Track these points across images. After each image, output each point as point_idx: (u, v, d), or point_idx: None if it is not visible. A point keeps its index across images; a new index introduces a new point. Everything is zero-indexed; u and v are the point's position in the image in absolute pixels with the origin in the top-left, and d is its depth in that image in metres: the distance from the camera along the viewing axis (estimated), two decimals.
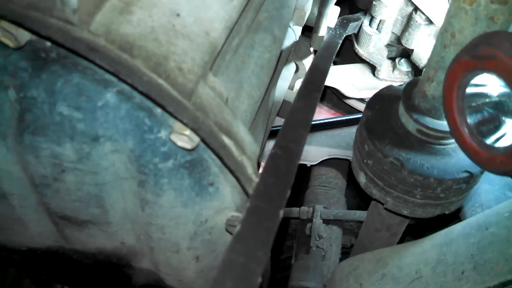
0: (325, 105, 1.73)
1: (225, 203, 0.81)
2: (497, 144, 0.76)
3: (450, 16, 0.82)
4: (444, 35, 0.84)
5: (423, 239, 1.05)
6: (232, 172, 0.71)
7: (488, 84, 0.77)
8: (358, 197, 2.01)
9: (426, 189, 0.94)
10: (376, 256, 1.07)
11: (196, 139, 0.68)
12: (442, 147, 0.95)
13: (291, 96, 1.32)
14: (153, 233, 0.86)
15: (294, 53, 1.26)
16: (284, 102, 1.30)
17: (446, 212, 1.02)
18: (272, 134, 1.66)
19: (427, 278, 0.98)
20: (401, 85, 1.10)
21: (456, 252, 0.97)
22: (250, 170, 0.72)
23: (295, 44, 1.24)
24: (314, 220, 1.72)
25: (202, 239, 0.89)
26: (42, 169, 0.75)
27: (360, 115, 1.59)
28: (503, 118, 0.76)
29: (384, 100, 1.04)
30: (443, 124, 0.92)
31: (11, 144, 0.74)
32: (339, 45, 1.14)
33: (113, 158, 0.73)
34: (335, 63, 1.64)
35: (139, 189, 0.77)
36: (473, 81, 0.78)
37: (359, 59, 1.56)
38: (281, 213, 0.58)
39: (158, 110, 0.68)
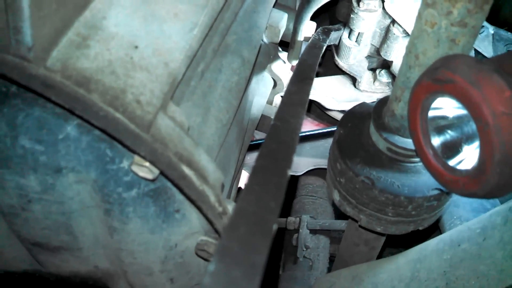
0: (309, 116, 1.73)
1: (193, 228, 0.81)
2: (460, 166, 0.77)
3: (414, 38, 0.83)
4: (409, 56, 0.85)
5: (398, 255, 1.05)
6: (193, 201, 0.71)
7: (449, 107, 0.78)
8: None
9: (397, 207, 0.95)
10: (352, 272, 1.08)
11: (156, 170, 0.68)
12: (412, 165, 0.95)
13: (270, 111, 1.33)
14: (124, 258, 0.87)
15: (271, 69, 1.26)
16: (263, 116, 1.31)
17: (420, 228, 1.02)
18: (252, 147, 1.66)
19: None
20: (373, 102, 1.10)
21: (429, 269, 0.98)
22: (212, 198, 0.72)
23: (272, 60, 1.24)
24: (300, 230, 1.72)
25: (174, 262, 0.89)
26: (9, 199, 0.76)
27: None
28: (463, 141, 0.77)
29: (356, 118, 1.05)
30: (412, 143, 0.92)
31: None
32: (324, 48, 1.14)
33: (77, 188, 0.74)
34: (316, 75, 1.65)
35: (105, 217, 0.77)
36: (436, 103, 0.78)
37: (340, 71, 1.57)
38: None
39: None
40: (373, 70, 1.55)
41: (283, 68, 1.28)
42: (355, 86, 1.57)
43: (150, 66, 0.69)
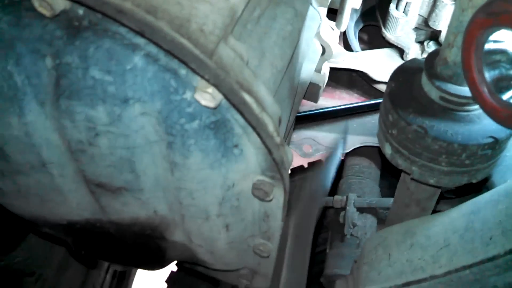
0: (355, 92, 1.74)
1: (250, 166, 0.84)
2: None
3: None
4: None
5: (451, 209, 1.05)
6: (253, 127, 0.74)
7: (505, 40, 0.78)
8: (392, 188, 2.01)
9: (451, 155, 0.95)
10: (404, 227, 1.08)
11: (219, 96, 0.71)
12: (465, 113, 0.96)
13: (318, 79, 1.35)
14: (183, 199, 0.90)
15: (320, 35, 1.28)
16: (311, 84, 1.33)
17: (473, 181, 1.02)
18: (299, 119, 1.68)
19: (455, 245, 0.98)
20: (423, 58, 1.11)
21: (484, 219, 0.97)
22: (271, 127, 0.75)
23: (320, 26, 1.27)
24: (347, 208, 1.73)
25: (231, 205, 0.92)
26: (78, 134, 0.81)
27: None
28: None
29: (407, 72, 1.06)
30: (465, 90, 0.93)
31: (49, 110, 0.80)
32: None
33: (142, 121, 0.78)
34: (362, 49, 1.66)
35: (167, 151, 0.81)
36: (490, 38, 0.79)
37: (387, 45, 1.57)
38: None
39: (183, 72, 0.72)
40: (420, 43, 1.55)
41: (332, 34, 1.30)
42: (402, 59, 1.57)
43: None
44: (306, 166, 2.14)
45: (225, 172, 0.84)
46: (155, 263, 1.15)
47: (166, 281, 2.06)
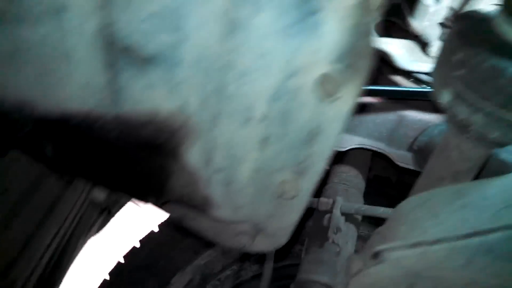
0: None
1: (323, 48, 0.68)
2: None
3: None
4: None
5: (507, 174, 0.92)
6: None
7: None
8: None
9: None
10: (451, 189, 0.94)
11: None
12: None
13: None
14: (228, 85, 0.73)
15: None
16: None
17: None
18: None
19: None
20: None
21: None
22: None
23: None
24: (334, 211, 1.58)
25: (282, 106, 0.75)
26: None
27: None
28: None
29: (473, 17, 0.95)
30: None
31: None
32: None
33: None
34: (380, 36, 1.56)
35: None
36: None
37: (407, 37, 1.49)
38: None
39: None
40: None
41: None
42: (424, 52, 1.49)
43: None
44: None
45: (293, 48, 0.68)
46: (151, 192, 0.94)
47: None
